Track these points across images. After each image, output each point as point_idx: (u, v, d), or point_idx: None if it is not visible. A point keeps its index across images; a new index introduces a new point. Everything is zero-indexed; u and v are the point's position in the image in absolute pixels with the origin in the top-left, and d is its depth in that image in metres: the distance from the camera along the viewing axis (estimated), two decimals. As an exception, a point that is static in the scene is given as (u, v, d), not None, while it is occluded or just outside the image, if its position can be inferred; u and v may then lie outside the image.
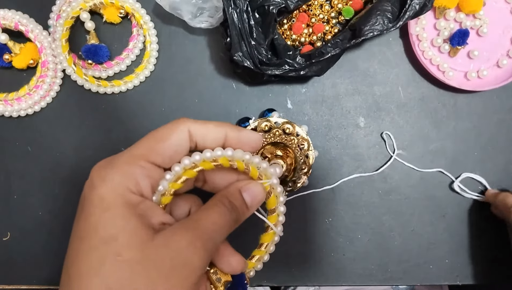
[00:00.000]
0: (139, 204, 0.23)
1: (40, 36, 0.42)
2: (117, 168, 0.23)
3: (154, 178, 0.24)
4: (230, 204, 0.25)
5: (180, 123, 0.25)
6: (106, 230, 0.22)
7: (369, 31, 0.38)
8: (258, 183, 0.27)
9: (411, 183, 0.44)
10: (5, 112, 0.43)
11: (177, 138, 0.25)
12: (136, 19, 0.43)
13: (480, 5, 0.42)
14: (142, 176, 0.24)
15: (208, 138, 0.26)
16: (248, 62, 0.38)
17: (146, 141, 0.25)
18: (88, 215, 0.22)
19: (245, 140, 0.27)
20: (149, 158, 0.24)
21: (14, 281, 0.44)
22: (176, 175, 0.26)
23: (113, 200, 0.22)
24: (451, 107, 0.44)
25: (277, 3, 0.38)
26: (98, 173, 0.23)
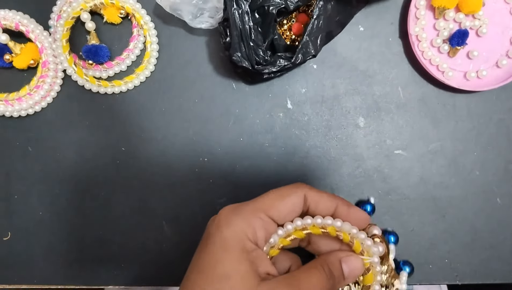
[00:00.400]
0: (253, 252, 0.26)
1: (41, 37, 0.42)
2: (241, 216, 0.27)
3: (268, 231, 0.28)
4: (329, 271, 0.27)
5: (299, 187, 0.29)
6: (222, 269, 0.25)
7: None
8: (359, 257, 0.28)
9: (411, 183, 0.44)
10: (5, 112, 0.43)
11: (294, 200, 0.28)
12: (137, 19, 0.43)
13: (479, 6, 0.42)
14: (260, 227, 0.27)
15: (320, 206, 0.29)
16: (246, 63, 0.38)
17: (268, 196, 0.28)
18: (210, 252, 0.26)
19: (353, 217, 0.29)
20: (269, 212, 0.27)
21: (14, 281, 0.44)
22: (287, 232, 0.29)
23: (233, 243, 0.25)
24: (450, 107, 0.44)
25: (277, 4, 0.38)
26: (225, 217, 0.27)
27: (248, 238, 0.26)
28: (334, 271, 0.27)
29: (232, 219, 0.26)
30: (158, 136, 0.44)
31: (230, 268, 0.25)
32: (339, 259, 0.28)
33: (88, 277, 0.44)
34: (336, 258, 0.28)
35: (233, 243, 0.25)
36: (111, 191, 0.44)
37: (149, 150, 0.44)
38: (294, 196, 0.28)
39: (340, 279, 0.28)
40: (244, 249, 0.25)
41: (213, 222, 0.28)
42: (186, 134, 0.44)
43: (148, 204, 0.44)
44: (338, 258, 0.28)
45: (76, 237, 0.44)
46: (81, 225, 0.44)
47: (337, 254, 0.28)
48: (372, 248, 0.28)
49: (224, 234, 0.26)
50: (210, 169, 0.44)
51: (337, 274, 0.27)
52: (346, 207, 0.29)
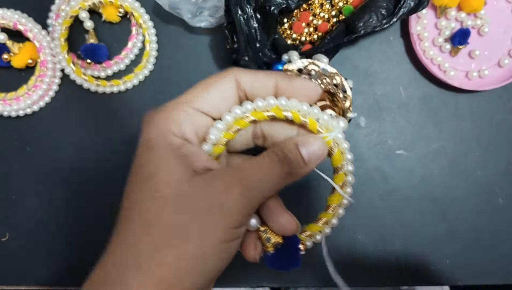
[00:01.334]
0: (182, 147, 0.23)
1: (39, 36, 0.42)
2: (161, 113, 0.24)
3: (198, 124, 0.24)
4: (283, 155, 0.23)
5: (228, 72, 0.25)
6: (147, 169, 0.23)
7: (363, 28, 0.38)
8: (318, 137, 0.24)
9: (412, 184, 0.44)
10: (3, 112, 0.43)
11: (223, 86, 0.24)
12: (136, 18, 0.43)
13: (481, 5, 0.42)
14: (185, 120, 0.24)
15: (257, 86, 0.25)
16: (253, 67, 0.38)
17: (193, 89, 0.25)
18: (136, 156, 0.25)
19: (299, 90, 0.25)
20: (193, 104, 0.24)
21: (13, 282, 0.44)
22: (227, 124, 0.25)
23: (156, 141, 0.23)
24: (452, 107, 0.44)
25: (278, 3, 0.37)
26: (145, 119, 0.25)
27: (173, 133, 0.23)
28: (290, 156, 0.23)
29: (152, 118, 0.24)
30: (158, 136, 0.44)
31: (154, 166, 0.23)
32: (294, 143, 0.24)
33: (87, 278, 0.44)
34: (291, 142, 0.24)
35: (155, 141, 0.23)
36: (110, 191, 0.44)
37: (148, 150, 0.44)
38: (222, 81, 0.24)
39: (299, 164, 0.24)
40: (169, 145, 0.23)
41: None
42: (185, 134, 0.44)
43: (147, 205, 0.44)
44: (294, 142, 0.24)
45: (74, 238, 0.44)
46: (79, 225, 0.44)
47: (292, 139, 0.24)
48: (330, 122, 0.24)
49: (146, 134, 0.24)
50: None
51: (294, 158, 0.23)
52: (287, 82, 0.25)
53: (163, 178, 0.22)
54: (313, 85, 0.25)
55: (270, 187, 0.23)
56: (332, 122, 0.25)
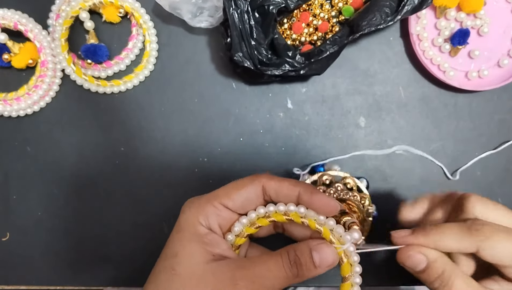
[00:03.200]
0: (206, 235, 0.28)
1: (40, 36, 0.42)
2: (195, 204, 0.29)
3: (223, 218, 0.29)
4: (294, 257, 0.26)
5: (257, 177, 0.29)
6: (172, 248, 0.28)
7: (367, 26, 0.38)
8: (331, 246, 0.27)
9: (412, 184, 0.44)
10: (4, 112, 0.43)
11: (250, 189, 0.28)
12: (136, 18, 0.43)
13: (480, 5, 0.42)
14: (212, 213, 0.28)
15: (281, 194, 0.28)
16: (248, 63, 0.38)
17: (225, 187, 0.29)
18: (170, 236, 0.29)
19: (317, 204, 0.27)
20: (222, 201, 0.28)
21: (13, 281, 0.44)
22: (250, 221, 0.29)
23: (185, 227, 0.28)
24: (451, 107, 0.44)
25: (277, 3, 0.38)
26: (183, 207, 0.29)
27: (200, 223, 0.28)
28: (302, 259, 0.26)
29: (187, 207, 0.29)
30: (158, 136, 0.44)
31: (179, 246, 0.27)
32: (309, 247, 0.26)
33: (87, 278, 0.44)
34: (306, 246, 0.27)
35: (184, 226, 0.28)
36: (110, 191, 0.44)
37: (148, 150, 0.44)
38: (250, 186, 0.28)
39: (309, 267, 0.26)
40: (195, 232, 0.27)
41: None
42: (186, 134, 0.44)
43: (148, 204, 0.44)
44: (309, 246, 0.26)
45: (75, 238, 0.44)
46: (80, 225, 0.44)
47: (308, 243, 0.27)
48: (344, 236, 0.27)
49: (179, 220, 0.28)
50: (210, 169, 0.43)
51: (305, 262, 0.26)
52: (308, 194, 0.28)
53: (182, 259, 0.27)
54: (333, 202, 0.28)
55: (273, 285, 0.26)
56: (345, 235, 0.27)
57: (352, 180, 0.40)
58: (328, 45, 0.39)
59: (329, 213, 0.28)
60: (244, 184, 0.29)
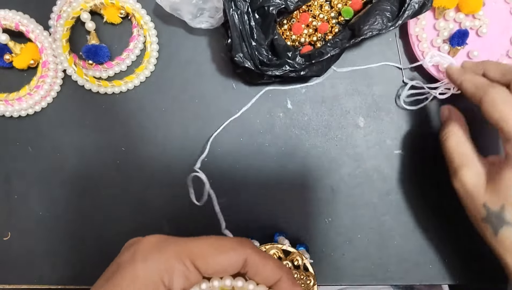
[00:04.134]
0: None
1: (41, 37, 0.42)
2: (164, 255, 0.23)
3: (189, 281, 0.24)
4: None
5: (243, 245, 0.25)
6: None
7: (368, 30, 0.38)
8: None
9: (411, 183, 0.44)
10: (5, 112, 0.43)
11: (232, 258, 0.24)
12: (137, 19, 0.43)
13: (479, 6, 0.42)
14: (180, 274, 0.23)
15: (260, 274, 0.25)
16: (249, 63, 0.39)
17: (204, 242, 0.24)
18: (115, 285, 0.23)
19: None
20: (196, 261, 0.23)
21: (14, 281, 0.44)
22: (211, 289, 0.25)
23: (145, 285, 0.22)
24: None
25: (277, 4, 0.38)
26: (146, 249, 0.24)
27: (163, 283, 0.23)
28: None
29: (152, 255, 0.23)
30: (158, 136, 0.44)
31: None
32: None
33: (88, 278, 0.44)
34: None
35: (144, 285, 0.22)
36: (111, 191, 0.44)
37: (149, 150, 0.44)
38: (233, 254, 0.24)
39: None
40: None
41: (130, 247, 0.25)
42: (186, 134, 0.44)
43: (148, 204, 0.44)
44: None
45: (76, 238, 0.44)
46: (81, 225, 0.44)
47: None
48: None
49: (138, 271, 0.23)
50: (210, 169, 0.44)
51: None
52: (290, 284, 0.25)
53: None
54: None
55: None
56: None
57: (300, 258, 0.39)
58: (329, 47, 0.40)
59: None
60: (226, 248, 0.24)
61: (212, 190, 0.44)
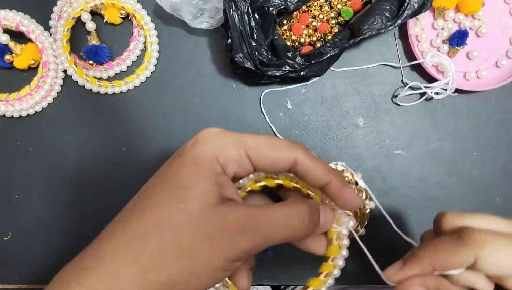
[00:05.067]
0: (221, 175, 0.25)
1: (41, 37, 0.42)
2: (222, 140, 0.25)
3: (242, 169, 0.26)
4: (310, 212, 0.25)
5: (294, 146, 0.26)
6: (186, 180, 0.24)
7: (367, 30, 0.38)
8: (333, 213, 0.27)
9: (411, 183, 0.44)
10: (6, 112, 0.43)
11: (282, 156, 0.25)
12: (137, 19, 0.43)
13: (479, 6, 0.42)
14: (233, 159, 0.25)
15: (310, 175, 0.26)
16: (249, 64, 0.39)
17: (258, 137, 0.26)
18: (179, 163, 0.25)
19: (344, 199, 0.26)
20: (249, 151, 0.25)
21: (15, 281, 0.44)
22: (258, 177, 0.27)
23: (204, 161, 0.24)
24: (450, 108, 0.44)
25: (276, 4, 0.38)
26: (207, 134, 0.26)
27: (219, 163, 0.25)
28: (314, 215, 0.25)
29: (212, 139, 0.25)
30: (158, 136, 0.44)
31: (194, 181, 0.24)
32: (317, 206, 0.26)
33: (89, 277, 0.44)
34: (316, 204, 0.26)
35: (203, 161, 0.24)
36: (112, 191, 0.44)
37: (149, 150, 0.44)
38: (283, 152, 0.25)
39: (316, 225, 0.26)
40: (212, 170, 0.24)
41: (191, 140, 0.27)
42: (186, 134, 0.44)
43: (148, 204, 0.44)
44: (317, 205, 0.26)
45: (76, 237, 0.44)
46: (81, 225, 0.44)
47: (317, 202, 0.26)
48: (342, 218, 0.27)
49: (198, 150, 0.25)
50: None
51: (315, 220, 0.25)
52: (339, 186, 0.26)
53: (194, 195, 0.24)
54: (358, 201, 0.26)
55: (279, 239, 0.24)
56: (344, 218, 0.27)
57: (349, 174, 0.39)
58: (329, 47, 0.40)
59: (349, 208, 0.27)
60: (279, 147, 0.25)
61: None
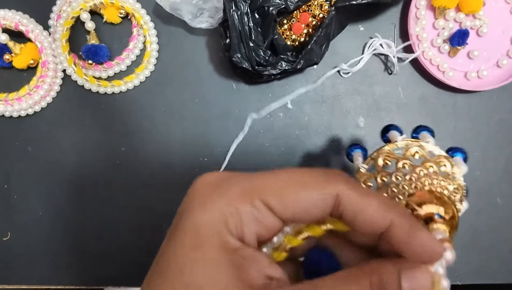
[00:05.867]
0: (238, 251, 0.18)
1: (41, 36, 0.42)
2: (228, 194, 0.18)
3: (264, 226, 0.18)
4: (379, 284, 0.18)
5: (330, 179, 0.18)
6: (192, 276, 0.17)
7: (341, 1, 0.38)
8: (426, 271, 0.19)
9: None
10: (5, 112, 0.43)
11: (315, 194, 0.18)
12: (136, 19, 0.43)
13: (479, 5, 0.42)
14: (250, 218, 0.18)
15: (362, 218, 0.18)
16: (246, 64, 0.39)
17: (277, 176, 0.19)
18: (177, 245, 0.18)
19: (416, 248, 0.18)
20: (268, 199, 0.18)
21: (14, 281, 0.44)
22: (296, 228, 0.20)
23: (209, 237, 0.17)
24: (450, 107, 0.44)
25: (276, 4, 0.38)
26: (204, 188, 0.19)
27: (230, 232, 0.18)
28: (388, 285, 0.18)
29: (212, 196, 0.18)
30: (158, 136, 0.44)
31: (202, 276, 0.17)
32: (397, 271, 0.18)
33: (88, 278, 0.44)
34: (393, 269, 0.18)
35: (208, 237, 0.17)
36: (111, 191, 0.44)
37: (149, 150, 0.44)
38: (317, 190, 0.18)
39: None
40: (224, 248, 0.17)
41: (185, 199, 0.19)
42: (186, 134, 0.44)
43: (148, 204, 0.44)
44: (397, 268, 0.18)
45: (75, 237, 0.44)
46: (80, 225, 0.44)
47: (396, 263, 0.18)
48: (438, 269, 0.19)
49: (197, 219, 0.18)
50: (210, 169, 0.43)
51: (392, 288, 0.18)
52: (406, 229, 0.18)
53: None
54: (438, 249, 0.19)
55: None
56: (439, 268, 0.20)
57: (449, 162, 0.27)
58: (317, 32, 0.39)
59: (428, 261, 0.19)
60: (309, 184, 0.18)
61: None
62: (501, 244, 0.44)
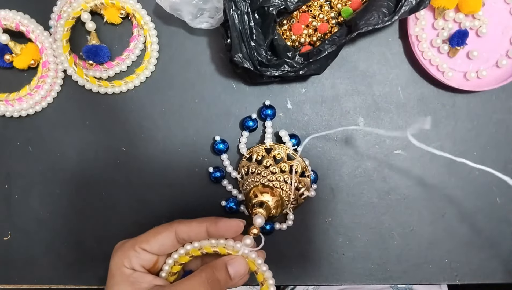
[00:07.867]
0: (132, 274, 0.33)
1: (41, 37, 0.42)
2: (121, 249, 0.34)
3: (143, 259, 0.33)
4: (211, 275, 0.31)
5: (172, 224, 0.34)
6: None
7: (364, 25, 0.38)
8: (243, 258, 0.32)
9: (410, 183, 0.44)
10: (6, 112, 0.43)
11: (164, 235, 0.33)
12: (137, 19, 0.43)
13: (479, 6, 0.42)
14: (133, 256, 0.33)
15: (191, 234, 0.33)
16: (248, 64, 0.39)
17: (146, 233, 0.34)
18: (108, 278, 0.33)
19: (223, 229, 0.33)
20: (141, 245, 0.33)
21: (14, 281, 0.44)
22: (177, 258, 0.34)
23: (114, 271, 0.33)
24: (450, 107, 0.44)
25: (276, 4, 0.38)
26: (115, 249, 0.34)
27: (125, 265, 0.33)
28: (219, 275, 0.31)
29: (116, 252, 0.34)
30: (158, 136, 0.44)
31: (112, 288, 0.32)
32: (225, 263, 0.32)
33: (88, 277, 0.44)
34: (222, 262, 0.32)
35: (114, 271, 0.33)
36: (112, 191, 0.44)
37: (149, 150, 0.44)
38: (165, 233, 0.33)
39: (227, 281, 0.32)
40: (123, 274, 0.32)
41: None
42: (186, 134, 0.44)
43: (148, 204, 0.44)
44: (224, 262, 0.32)
45: (76, 237, 0.44)
46: (81, 225, 0.44)
47: (223, 259, 0.32)
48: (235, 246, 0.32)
49: (110, 265, 0.33)
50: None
51: (223, 277, 0.31)
52: (213, 224, 0.33)
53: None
54: (234, 224, 0.33)
55: None
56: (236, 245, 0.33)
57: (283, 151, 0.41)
58: (327, 45, 0.40)
59: (236, 233, 0.33)
60: (160, 231, 0.33)
61: (213, 190, 0.44)
62: (500, 244, 0.44)
